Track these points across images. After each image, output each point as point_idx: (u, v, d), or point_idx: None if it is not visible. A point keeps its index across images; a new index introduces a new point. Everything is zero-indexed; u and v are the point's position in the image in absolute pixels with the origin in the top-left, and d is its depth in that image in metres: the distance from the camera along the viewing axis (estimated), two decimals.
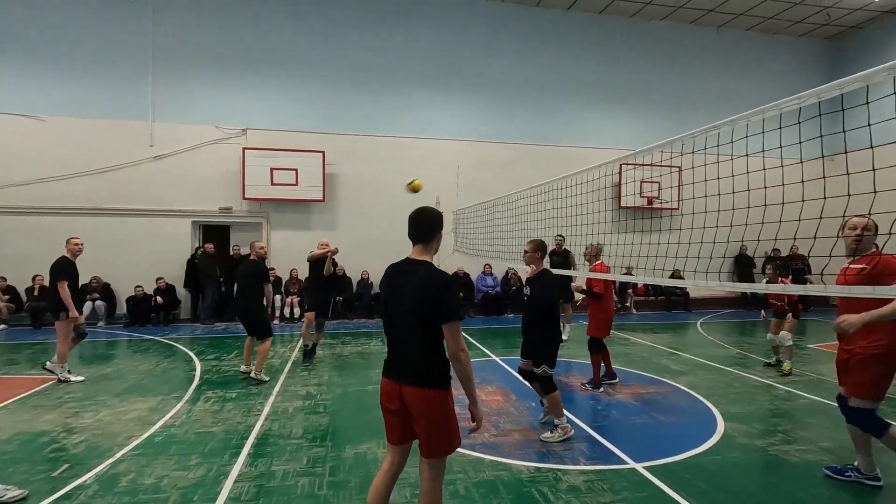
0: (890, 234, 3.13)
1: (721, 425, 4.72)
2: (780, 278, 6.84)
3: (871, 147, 3.79)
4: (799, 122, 3.62)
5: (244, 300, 6.20)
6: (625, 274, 10.53)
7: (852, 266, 3.33)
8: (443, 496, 3.33)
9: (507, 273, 12.37)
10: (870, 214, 3.35)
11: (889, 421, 3.28)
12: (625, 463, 3.89)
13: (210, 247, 11.01)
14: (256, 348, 6.15)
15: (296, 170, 11.37)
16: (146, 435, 4.40)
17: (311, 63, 11.88)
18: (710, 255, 5.18)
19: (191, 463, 3.83)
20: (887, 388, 3.26)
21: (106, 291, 10.61)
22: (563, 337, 9.02)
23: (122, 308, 10.70)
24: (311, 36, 11.89)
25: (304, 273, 11.25)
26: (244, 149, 11.24)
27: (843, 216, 3.46)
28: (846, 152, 4.03)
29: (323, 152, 11.58)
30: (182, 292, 11.14)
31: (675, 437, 4.43)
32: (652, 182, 12.84)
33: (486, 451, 4.10)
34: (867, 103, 3.12)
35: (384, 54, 12.25)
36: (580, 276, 6.09)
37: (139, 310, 10.47)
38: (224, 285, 10.98)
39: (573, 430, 4.41)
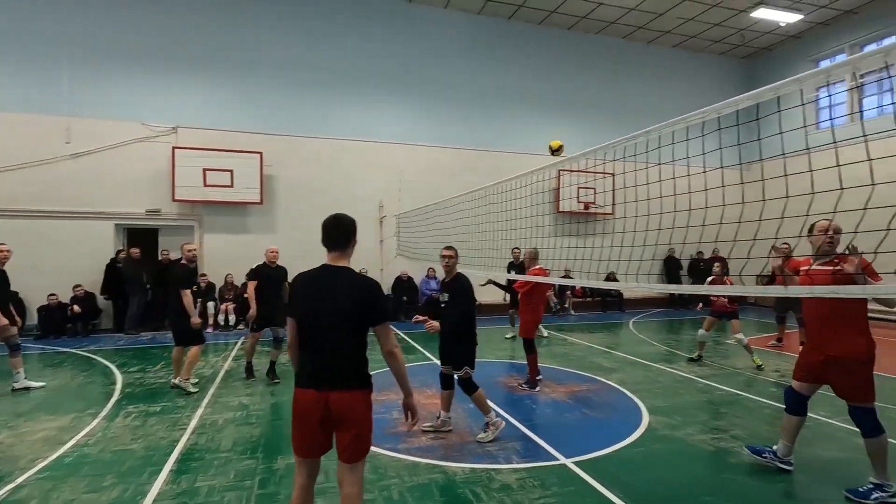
0: (800, 236, 3.45)
1: (646, 419, 5.00)
2: (725, 278, 7.38)
3: (784, 155, 4.13)
4: (720, 129, 3.88)
5: (171, 307, 5.87)
6: (563, 276, 10.96)
7: (818, 268, 3.41)
8: (378, 502, 3.33)
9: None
10: (782, 218, 3.63)
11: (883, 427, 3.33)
12: (556, 459, 4.02)
13: (136, 251, 10.32)
14: (185, 356, 5.84)
15: (231, 171, 10.91)
16: (54, 456, 4.05)
17: (248, 61, 11.46)
18: (641, 258, 5.50)
19: (104, 484, 3.57)
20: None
21: (14, 301, 9.66)
22: (508, 335, 9.26)
23: (33, 319, 9.80)
24: (249, 32, 11.49)
25: (242, 280, 10.86)
26: (174, 148, 10.65)
27: (759, 220, 3.76)
28: (761, 159, 4.41)
29: (261, 153, 11.19)
30: (103, 300, 10.37)
31: (603, 432, 4.64)
32: (588, 188, 13.43)
33: (422, 454, 4.11)
34: (779, 111, 3.42)
35: (326, 55, 12.04)
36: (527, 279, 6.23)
37: (52, 320, 9.63)
38: (151, 292, 10.33)
39: (504, 423, 4.55)
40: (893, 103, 11.52)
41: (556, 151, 5.28)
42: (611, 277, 10.62)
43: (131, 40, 10.67)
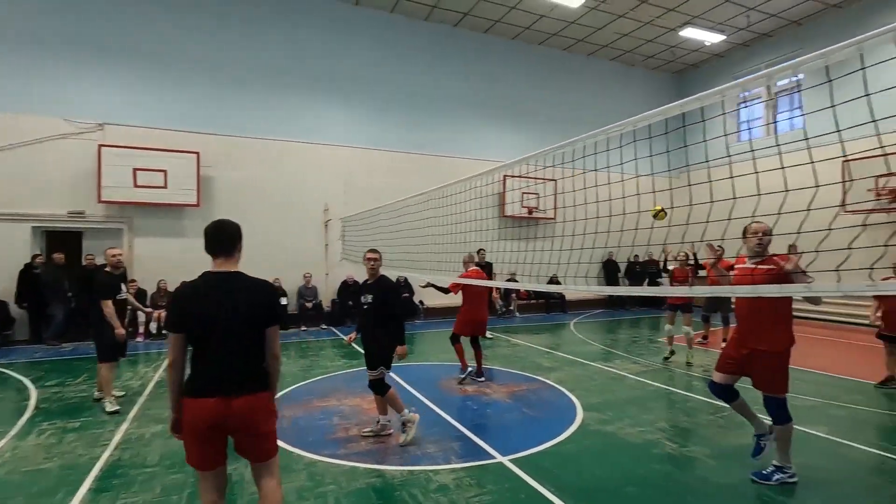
0: (723, 239, 3.73)
1: (580, 415, 5.22)
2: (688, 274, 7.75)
3: (707, 161, 4.45)
4: (650, 137, 4.15)
5: (93, 317, 5.48)
6: (508, 280, 11.23)
7: (760, 266, 3.58)
8: None
9: (396, 280, 12.43)
10: (707, 221, 3.90)
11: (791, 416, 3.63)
12: (493, 458, 4.12)
13: (59, 256, 9.56)
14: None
15: (165, 171, 10.37)
16: None
17: (182, 56, 10.95)
18: (580, 261, 5.74)
19: None
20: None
21: None
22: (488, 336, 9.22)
23: None
24: (185, 27, 10.98)
25: (175, 284, 10.34)
26: (101, 146, 9.98)
27: (686, 224, 4.02)
28: (687, 165, 4.74)
29: (198, 153, 10.71)
30: (18, 310, 9.54)
31: (539, 430, 4.80)
32: (532, 193, 13.83)
33: (360, 459, 4.09)
34: (703, 121, 3.69)
35: (267, 54, 11.72)
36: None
37: None
38: (75, 300, 9.61)
39: (418, 414, 4.59)
40: (803, 113, 12.68)
41: (657, 215, 5.40)
42: (553, 280, 11.04)
43: (53, 29, 9.93)
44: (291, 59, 11.93)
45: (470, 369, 6.59)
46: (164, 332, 9.94)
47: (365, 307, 4.59)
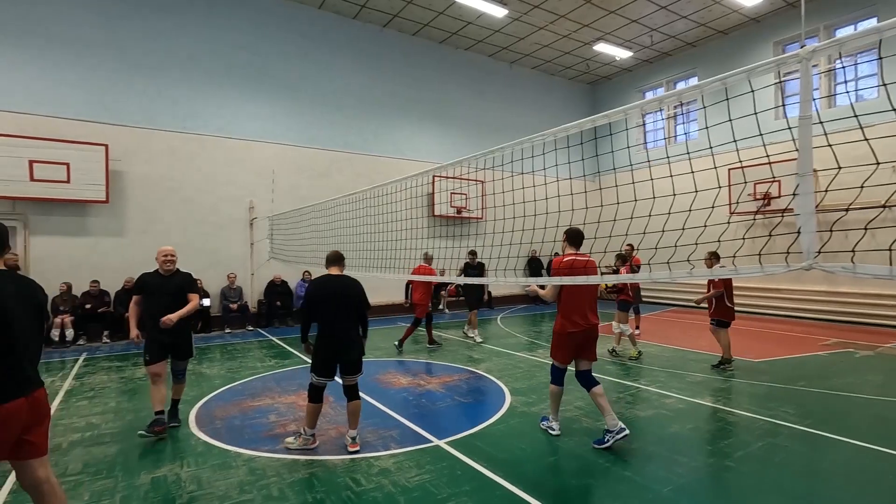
0: (626, 234, 4.25)
1: (508, 399, 5.64)
2: (621, 269, 8.25)
3: (614, 169, 5.01)
4: (568, 147, 4.63)
5: None
6: (440, 275, 11.57)
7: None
8: (257, 500, 3.36)
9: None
10: (614, 220, 4.41)
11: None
12: (430, 442, 4.39)
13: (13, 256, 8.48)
14: None
15: (67, 164, 9.52)
16: None
17: (89, 40, 10.09)
18: (508, 255, 6.19)
19: None
20: None
21: None
22: (478, 340, 9.33)
23: None
24: (90, 8, 10.12)
25: (82, 287, 9.54)
26: None
27: (598, 221, 4.52)
28: (598, 172, 5.27)
29: (106, 146, 9.94)
30: None
31: (472, 415, 5.16)
32: (461, 194, 14.31)
33: (301, 453, 4.18)
34: (611, 134, 4.22)
35: (184, 43, 11.12)
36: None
37: None
38: None
39: (317, 443, 4.30)
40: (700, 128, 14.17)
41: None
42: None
43: None
44: (211, 49, 11.42)
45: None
46: (68, 339, 9.17)
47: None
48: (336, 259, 4.60)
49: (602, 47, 14.91)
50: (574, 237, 4.55)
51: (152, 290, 4.76)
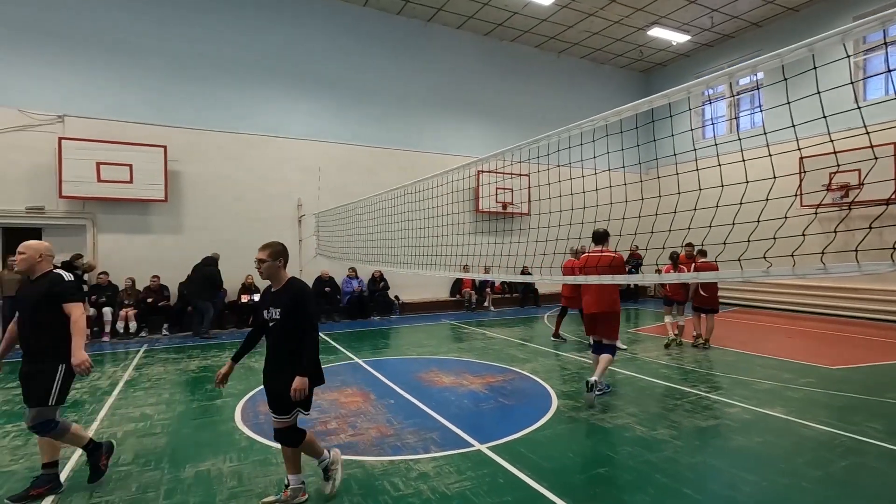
0: (689, 229, 3.90)
1: (554, 403, 5.37)
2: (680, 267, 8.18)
3: (675, 154, 4.62)
4: (621, 132, 4.29)
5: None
6: (484, 273, 11.36)
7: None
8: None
9: (372, 275, 12.41)
10: (675, 212, 4.08)
11: None
12: (471, 446, 4.22)
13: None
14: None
15: (130, 165, 10.05)
16: None
17: (149, 47, 10.60)
18: (555, 252, 5.89)
19: None
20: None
21: None
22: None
23: None
24: (150, 17, 10.63)
25: (144, 282, 10.07)
26: (61, 139, 9.60)
27: (656, 214, 4.18)
28: (656, 158, 4.91)
29: (165, 147, 10.42)
30: None
31: (516, 418, 4.93)
32: (506, 188, 14.00)
33: (341, 451, 4.11)
34: (671, 116, 3.86)
35: (236, 49, 11.47)
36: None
37: None
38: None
39: (338, 450, 3.58)
40: (761, 109, 13.17)
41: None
42: (525, 272, 11.22)
43: (7, 16, 9.47)
44: (258, 51, 11.72)
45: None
46: (131, 331, 9.69)
47: (271, 325, 3.26)
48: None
49: (657, 32, 14.12)
50: (593, 235, 5.68)
51: (18, 300, 3.60)
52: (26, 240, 3.52)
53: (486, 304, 13.79)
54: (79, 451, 4.14)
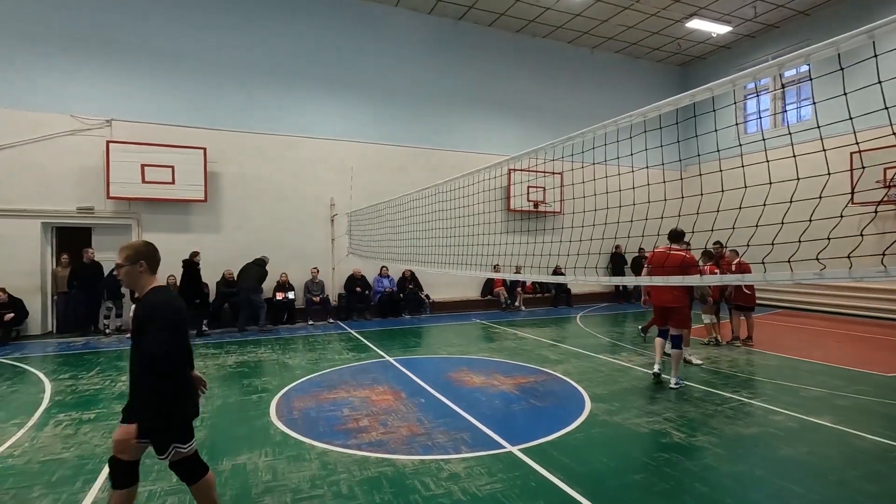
0: (733, 228, 3.74)
1: (588, 406, 5.26)
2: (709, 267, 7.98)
3: (718, 150, 4.45)
4: (660, 128, 4.15)
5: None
6: (515, 273, 11.26)
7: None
8: (327, 497, 3.34)
9: (403, 274, 12.49)
10: (718, 211, 3.93)
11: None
12: (503, 447, 4.17)
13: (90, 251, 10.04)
14: None
15: (172, 167, 10.43)
16: None
17: (188, 52, 10.99)
18: (583, 252, 5.76)
19: (32, 495, 3.39)
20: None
21: None
22: (697, 362, 7.10)
23: None
24: (189, 22, 11.01)
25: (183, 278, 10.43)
26: (109, 142, 10.06)
27: (697, 213, 4.03)
28: (698, 154, 4.73)
29: (204, 149, 10.76)
30: (35, 305, 9.68)
31: (548, 420, 4.85)
32: (538, 187, 13.82)
33: (372, 449, 4.15)
34: (714, 111, 3.71)
35: (269, 49, 11.73)
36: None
37: None
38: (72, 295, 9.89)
39: None
40: (814, 102, 12.57)
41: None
42: (557, 272, 11.05)
43: (59, 25, 9.98)
44: (292, 54, 11.95)
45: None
46: None
47: (131, 338, 2.68)
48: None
49: (696, 24, 13.64)
50: (669, 234, 5.89)
51: None
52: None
53: (517, 303, 13.67)
54: None
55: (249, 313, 10.24)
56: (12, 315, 9.04)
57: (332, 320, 11.50)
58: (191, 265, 9.89)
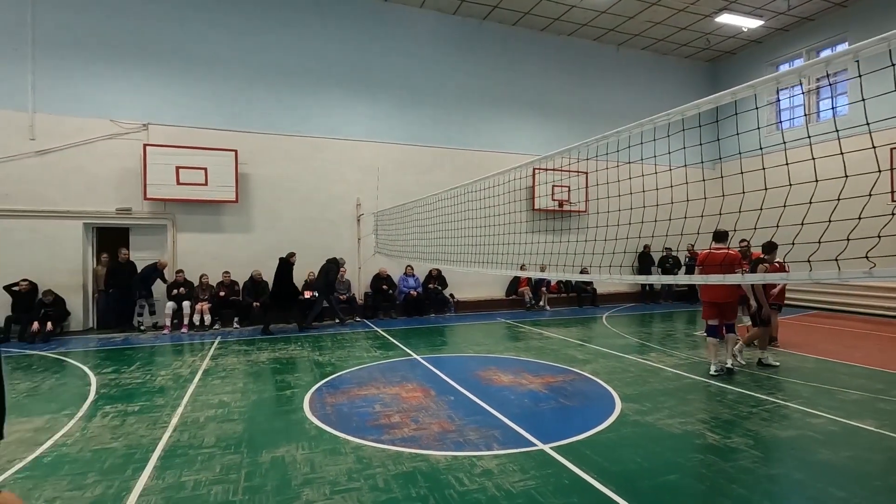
0: (755, 228, 3.71)
1: (618, 406, 5.23)
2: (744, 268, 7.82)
3: (739, 153, 4.40)
4: (683, 130, 4.14)
5: None
6: (541, 271, 11.22)
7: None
8: (363, 490, 3.43)
9: (429, 273, 12.57)
10: (740, 212, 3.93)
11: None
12: (534, 445, 4.20)
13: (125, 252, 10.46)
14: None
15: (205, 169, 10.75)
16: (32, 457, 4.00)
17: (220, 56, 11.30)
18: (608, 251, 5.73)
19: (87, 482, 3.57)
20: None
21: None
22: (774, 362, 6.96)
23: None
24: (220, 28, 11.32)
25: (216, 278, 10.75)
26: (146, 145, 10.43)
27: (739, 211, 4.00)
28: (720, 159, 4.67)
29: (235, 151, 11.06)
30: (77, 303, 10.12)
31: (578, 419, 4.85)
32: (563, 186, 13.74)
33: (405, 444, 4.23)
34: (735, 114, 3.68)
35: (299, 51, 11.97)
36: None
37: (20, 321, 9.30)
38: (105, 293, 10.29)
39: None
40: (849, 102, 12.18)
41: None
42: (584, 272, 10.97)
43: (99, 34, 10.40)
44: (320, 56, 12.16)
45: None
46: (206, 324, 10.37)
47: None
48: None
49: (726, 18, 13.35)
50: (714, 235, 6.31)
51: None
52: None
53: (541, 303, 13.61)
54: (170, 432, 4.51)
55: (338, 308, 10.98)
56: (51, 328, 9.31)
57: (358, 318, 11.65)
58: (286, 264, 10.33)
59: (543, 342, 8.91)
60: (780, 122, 14.56)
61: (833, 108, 13.54)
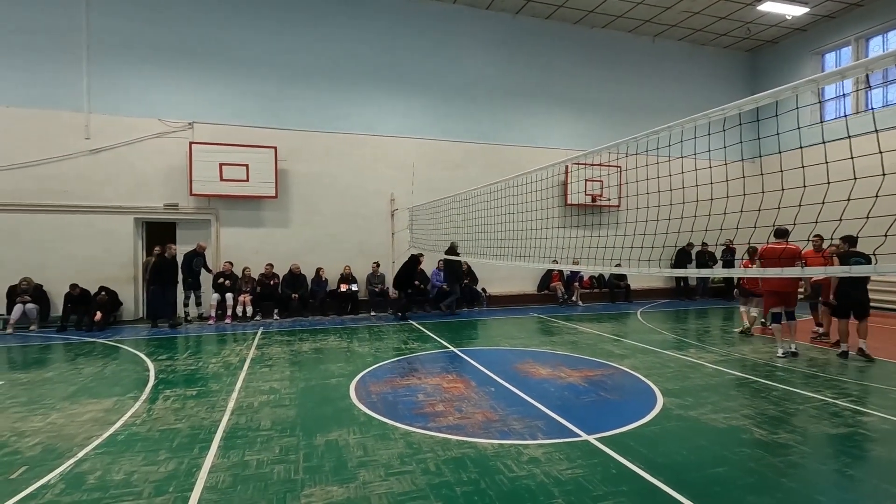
0: (794, 223, 3.69)
1: (660, 400, 5.24)
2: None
3: (780, 152, 4.35)
4: (724, 130, 4.13)
5: None
6: (574, 264, 11.19)
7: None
8: (416, 473, 3.58)
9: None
10: (779, 208, 3.93)
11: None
12: (578, 436, 4.27)
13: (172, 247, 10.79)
14: None
15: (247, 165, 11.13)
16: (107, 434, 4.32)
17: (260, 57, 11.64)
18: (645, 246, 5.72)
19: (159, 458, 3.83)
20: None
21: (38, 293, 9.94)
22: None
23: (56, 311, 10.04)
24: (260, 29, 11.65)
25: (257, 270, 11.13)
26: (191, 143, 10.86)
27: (759, 210, 3.99)
28: (760, 156, 4.62)
29: (275, 148, 11.40)
30: (129, 293, 10.67)
31: (621, 412, 4.89)
32: (596, 181, 13.61)
33: (451, 432, 4.36)
34: (776, 115, 3.66)
35: (335, 50, 12.20)
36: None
37: (77, 312, 9.87)
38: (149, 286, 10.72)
39: None
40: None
41: None
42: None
43: (148, 38, 10.86)
44: (355, 55, 12.36)
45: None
46: (248, 315, 10.76)
47: None
48: None
49: (768, 6, 12.94)
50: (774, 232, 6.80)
51: None
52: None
53: (573, 298, 13.56)
54: (228, 415, 4.77)
55: (448, 301, 11.88)
56: (100, 316, 9.78)
57: (391, 311, 11.87)
58: (415, 261, 11.19)
59: (578, 336, 8.92)
60: (823, 119, 14.02)
61: (871, 108, 12.96)
